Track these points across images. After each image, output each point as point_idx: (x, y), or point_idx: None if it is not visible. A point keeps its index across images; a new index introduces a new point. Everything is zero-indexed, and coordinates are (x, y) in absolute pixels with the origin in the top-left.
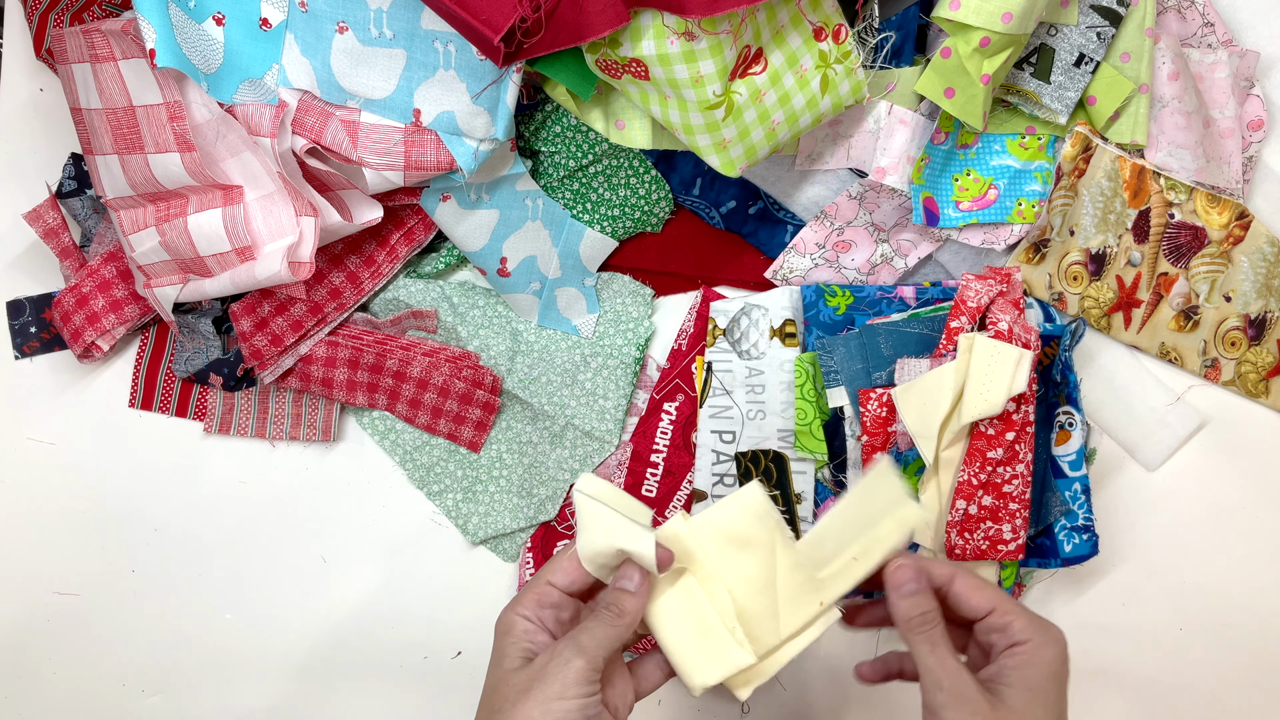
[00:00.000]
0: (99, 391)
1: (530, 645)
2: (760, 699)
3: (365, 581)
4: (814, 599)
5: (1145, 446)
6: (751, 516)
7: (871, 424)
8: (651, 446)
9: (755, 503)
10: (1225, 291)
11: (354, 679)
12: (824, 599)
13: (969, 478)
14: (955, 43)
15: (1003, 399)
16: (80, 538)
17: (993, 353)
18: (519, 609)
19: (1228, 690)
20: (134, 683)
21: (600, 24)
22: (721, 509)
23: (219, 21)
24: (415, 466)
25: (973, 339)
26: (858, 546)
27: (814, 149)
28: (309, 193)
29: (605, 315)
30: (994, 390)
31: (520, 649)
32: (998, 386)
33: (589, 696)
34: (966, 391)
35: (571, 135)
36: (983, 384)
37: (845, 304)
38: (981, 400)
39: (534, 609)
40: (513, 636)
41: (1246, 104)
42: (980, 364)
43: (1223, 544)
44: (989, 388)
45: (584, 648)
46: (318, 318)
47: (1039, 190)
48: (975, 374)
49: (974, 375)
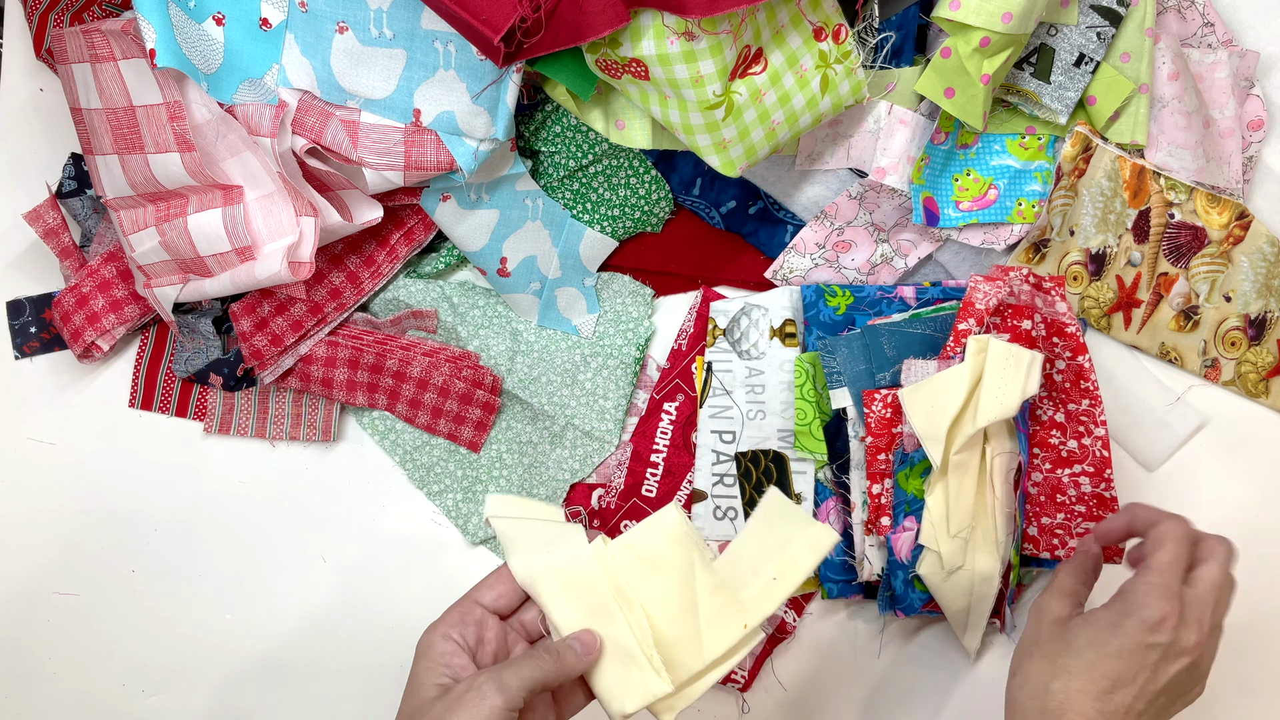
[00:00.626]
0: (99, 391)
1: (446, 670)
2: (760, 699)
3: (365, 581)
4: (737, 621)
5: (1145, 446)
6: (669, 539)
7: (876, 425)
8: (651, 446)
9: (673, 524)
10: (1225, 291)
11: (354, 679)
12: (748, 621)
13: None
14: (955, 43)
15: (1018, 402)
16: (80, 538)
17: (1006, 356)
18: (440, 628)
19: (1228, 690)
20: (134, 683)
21: (600, 24)
22: (639, 531)
23: (219, 21)
24: (415, 466)
25: (985, 342)
26: (774, 568)
27: (814, 149)
28: (309, 193)
29: (605, 315)
30: (1009, 393)
31: (438, 674)
32: (1012, 389)
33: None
34: (981, 396)
35: (571, 135)
36: (998, 388)
37: (845, 304)
38: (997, 404)
39: (457, 628)
40: (429, 660)
41: (1246, 104)
42: (995, 368)
43: None
44: (1004, 391)
45: (505, 685)
46: (318, 318)
47: (1039, 190)
48: (990, 378)
49: (989, 379)
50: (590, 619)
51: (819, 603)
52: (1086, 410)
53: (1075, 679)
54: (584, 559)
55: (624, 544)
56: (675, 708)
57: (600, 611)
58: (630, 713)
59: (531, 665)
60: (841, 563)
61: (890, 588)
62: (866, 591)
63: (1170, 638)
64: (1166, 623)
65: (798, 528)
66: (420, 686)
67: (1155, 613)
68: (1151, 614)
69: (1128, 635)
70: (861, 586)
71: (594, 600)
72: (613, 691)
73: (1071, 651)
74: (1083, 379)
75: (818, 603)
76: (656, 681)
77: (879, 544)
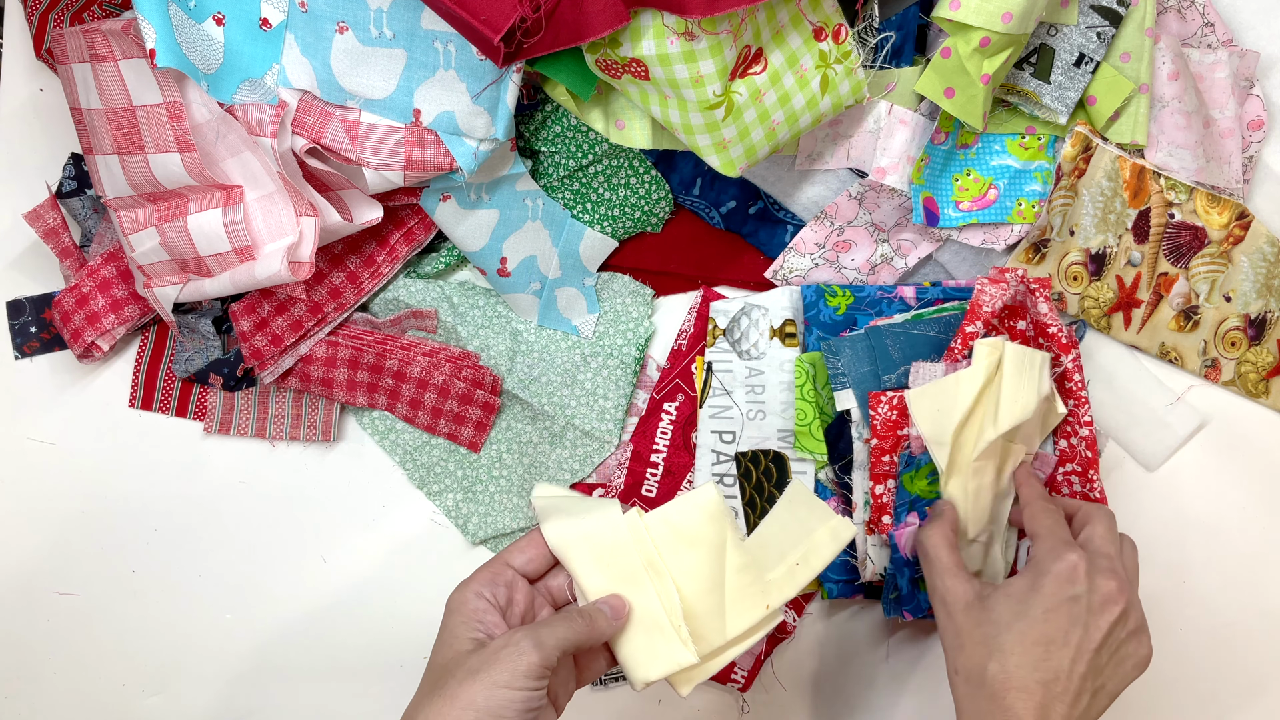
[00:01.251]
0: (99, 391)
1: (480, 626)
2: (760, 699)
3: (365, 582)
4: (760, 601)
5: (1145, 446)
6: (705, 516)
7: (882, 427)
8: (651, 446)
9: (710, 502)
10: (1225, 291)
11: (354, 679)
12: (770, 602)
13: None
14: (955, 43)
15: (1035, 402)
16: (80, 538)
17: (1021, 358)
18: (472, 586)
19: (1228, 690)
20: (134, 683)
21: (600, 24)
22: (676, 506)
23: (219, 21)
24: (415, 466)
25: (999, 344)
26: (798, 553)
27: (814, 149)
28: (309, 193)
29: (605, 315)
30: (1025, 395)
31: (471, 629)
32: (1028, 391)
33: (534, 690)
34: (1002, 401)
35: (571, 135)
36: (1015, 389)
37: (846, 304)
38: (1017, 406)
39: (489, 586)
40: (463, 614)
41: (1246, 104)
42: (1011, 371)
43: (1223, 544)
44: (1021, 392)
45: (542, 643)
46: (318, 318)
47: (1039, 190)
48: (1008, 381)
49: (1007, 384)
50: (619, 586)
51: (819, 603)
52: (1072, 411)
53: (1010, 655)
54: (618, 528)
55: (660, 518)
56: (693, 680)
57: (630, 580)
58: (653, 680)
59: (565, 626)
60: (842, 563)
61: (896, 588)
62: (867, 592)
63: (1087, 585)
64: (1078, 570)
65: (819, 517)
66: (454, 639)
67: (1065, 564)
68: (1062, 565)
69: (1047, 593)
70: (863, 587)
71: (624, 569)
72: (638, 659)
73: (999, 628)
74: (1066, 379)
75: (818, 603)
76: (683, 652)
77: (881, 544)
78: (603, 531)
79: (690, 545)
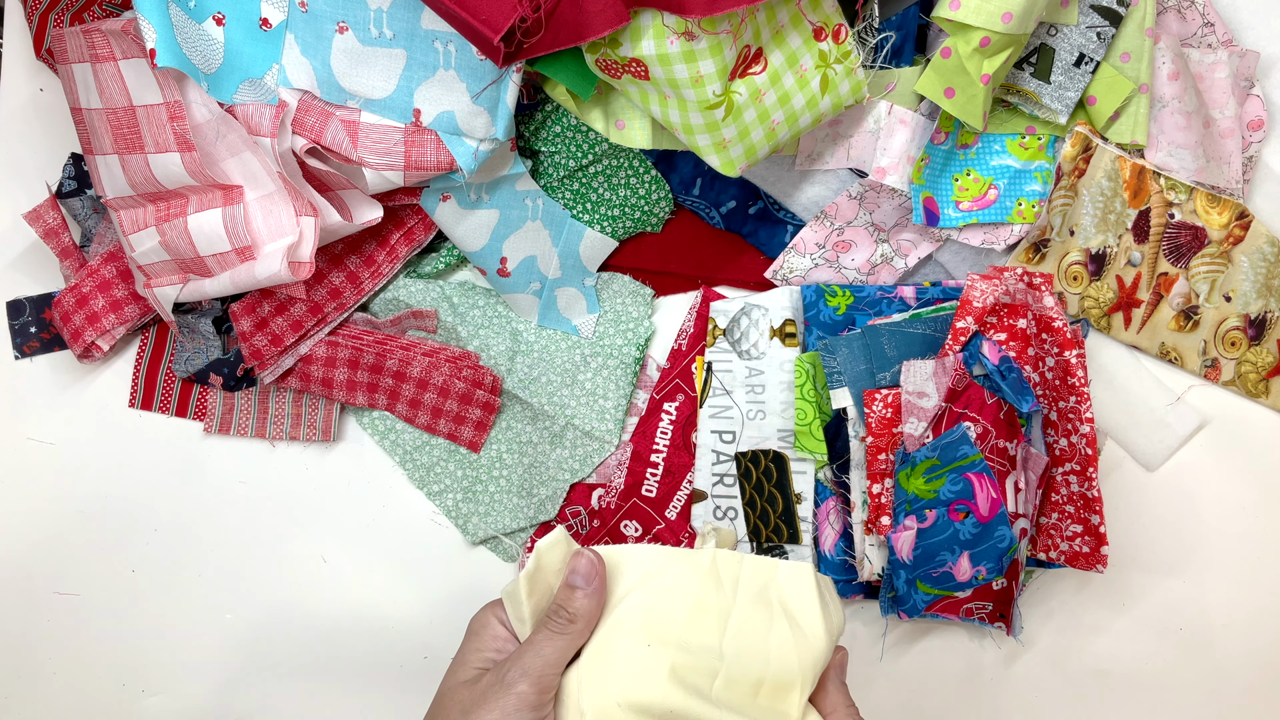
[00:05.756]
0: (99, 391)
1: (492, 655)
2: None
3: (365, 581)
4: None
5: (1145, 446)
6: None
7: (877, 425)
8: (651, 446)
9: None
10: (1225, 291)
11: (354, 679)
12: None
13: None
14: (955, 43)
15: (823, 635)
16: (80, 538)
17: (755, 571)
18: (495, 610)
19: (1228, 690)
20: (134, 683)
21: (600, 24)
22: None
23: (219, 21)
24: (415, 466)
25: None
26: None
27: (814, 149)
28: (309, 193)
29: (605, 315)
30: (809, 622)
31: (481, 658)
32: (810, 617)
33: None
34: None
35: (571, 135)
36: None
37: (845, 304)
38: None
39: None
40: (479, 640)
41: (1246, 104)
42: (749, 594)
43: (1223, 544)
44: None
45: (529, 670)
46: (318, 318)
47: (1039, 190)
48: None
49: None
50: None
51: None
52: (1074, 407)
53: None
54: (691, 577)
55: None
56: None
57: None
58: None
59: (544, 636)
60: (841, 562)
61: (893, 588)
62: (866, 591)
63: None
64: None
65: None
66: (461, 665)
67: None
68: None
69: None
70: (862, 586)
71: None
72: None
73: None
74: (1070, 374)
75: None
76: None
77: (879, 543)
78: (670, 577)
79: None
